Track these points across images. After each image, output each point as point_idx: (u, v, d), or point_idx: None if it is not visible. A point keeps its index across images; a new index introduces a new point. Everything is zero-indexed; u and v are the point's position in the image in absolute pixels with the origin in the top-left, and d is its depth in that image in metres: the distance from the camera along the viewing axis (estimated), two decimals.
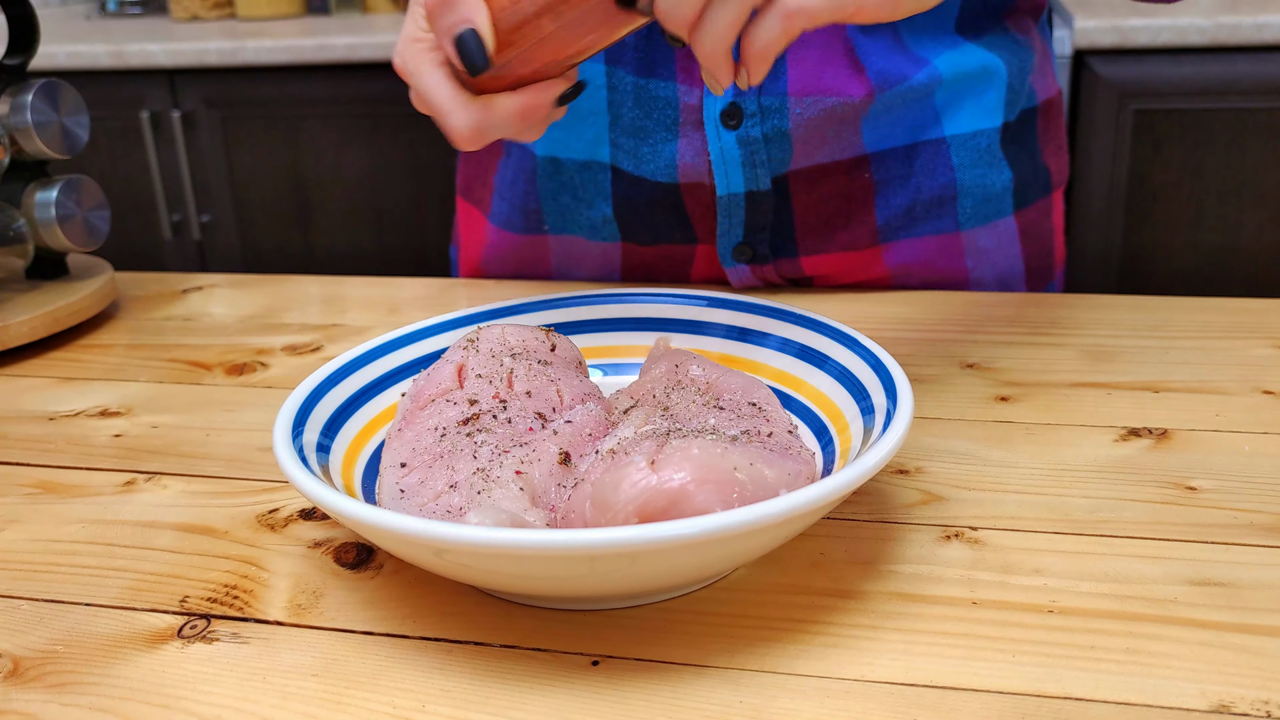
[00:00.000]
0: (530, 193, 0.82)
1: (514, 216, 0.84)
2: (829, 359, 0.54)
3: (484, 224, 0.87)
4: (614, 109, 0.76)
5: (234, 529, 0.52)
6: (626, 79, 0.75)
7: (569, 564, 0.38)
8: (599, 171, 0.78)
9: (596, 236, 0.82)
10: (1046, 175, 0.84)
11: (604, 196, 0.79)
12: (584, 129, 0.78)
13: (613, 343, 0.61)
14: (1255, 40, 1.62)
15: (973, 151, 0.78)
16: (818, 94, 0.72)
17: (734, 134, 0.73)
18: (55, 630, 0.45)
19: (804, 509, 0.38)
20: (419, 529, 0.37)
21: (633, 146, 0.76)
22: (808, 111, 0.72)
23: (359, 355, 0.55)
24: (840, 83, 0.72)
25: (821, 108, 0.72)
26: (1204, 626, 0.42)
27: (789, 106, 0.72)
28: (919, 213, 0.79)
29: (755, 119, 0.73)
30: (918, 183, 0.78)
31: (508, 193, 0.84)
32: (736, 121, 0.73)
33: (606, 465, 0.44)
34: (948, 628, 0.43)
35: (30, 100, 0.77)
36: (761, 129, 0.73)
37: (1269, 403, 0.61)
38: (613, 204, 0.79)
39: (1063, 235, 0.89)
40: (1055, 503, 0.52)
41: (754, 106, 0.72)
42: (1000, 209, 0.81)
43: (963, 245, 0.80)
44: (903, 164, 0.77)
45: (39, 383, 0.71)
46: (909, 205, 0.78)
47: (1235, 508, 0.51)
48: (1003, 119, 0.79)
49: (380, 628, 0.44)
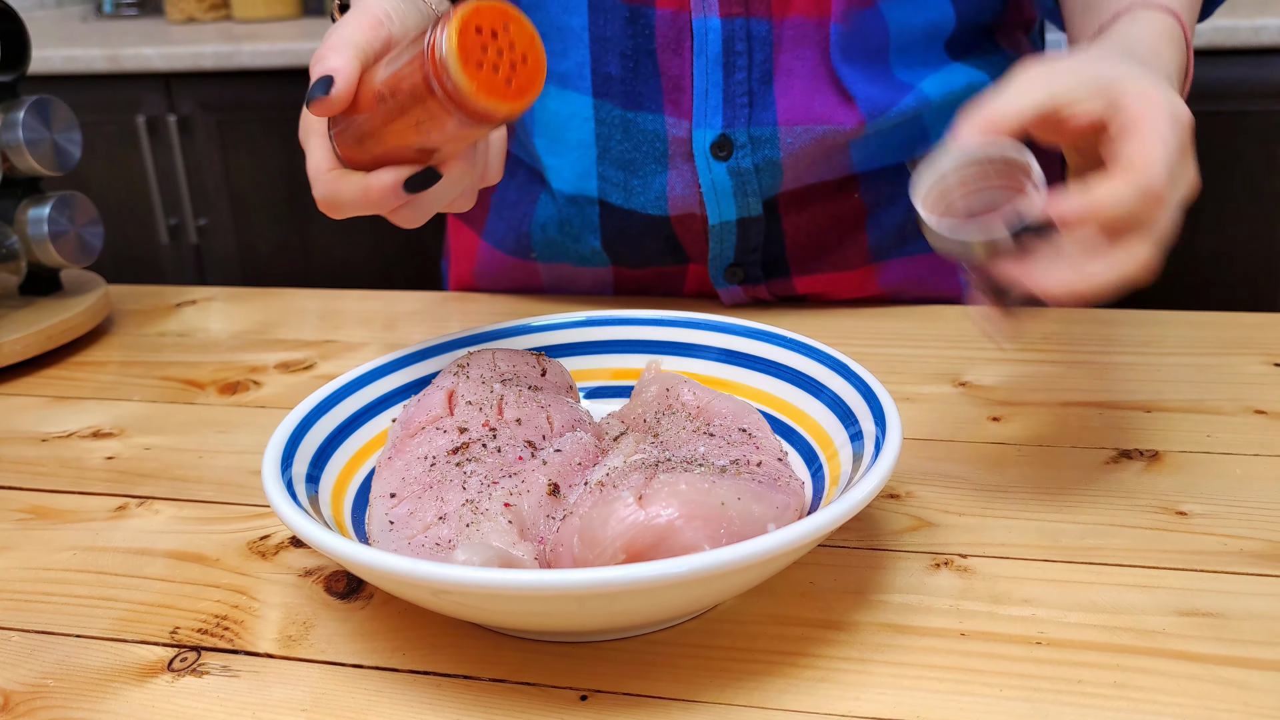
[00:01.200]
0: (528, 216, 0.82)
1: (508, 237, 0.84)
2: (819, 384, 0.54)
3: (476, 241, 0.87)
4: (602, 141, 0.76)
5: (225, 556, 0.52)
6: (614, 111, 0.74)
7: (556, 603, 0.38)
8: (586, 205, 0.79)
9: (586, 264, 0.82)
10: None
11: (592, 230, 0.79)
12: (573, 161, 0.77)
13: (604, 365, 0.61)
14: (1253, 43, 1.62)
15: None
16: (808, 123, 0.72)
17: (725, 165, 0.74)
18: (46, 663, 0.45)
19: (789, 547, 0.38)
20: (408, 569, 0.38)
21: (622, 179, 0.76)
22: (799, 140, 0.72)
23: (348, 382, 0.55)
24: (830, 111, 0.72)
25: (812, 136, 0.72)
26: (1192, 659, 0.42)
27: (779, 136, 0.72)
28: (910, 231, 0.79)
29: (746, 150, 0.73)
30: (908, 202, 0.78)
31: (507, 213, 0.84)
32: (727, 153, 0.73)
33: (595, 499, 0.44)
34: (936, 660, 0.43)
35: (22, 117, 0.77)
36: (753, 159, 0.73)
37: (1260, 423, 0.61)
38: (601, 238, 0.80)
39: None
40: (1045, 528, 0.52)
41: (744, 138, 0.73)
42: None
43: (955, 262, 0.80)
44: (892, 184, 0.77)
45: (32, 401, 0.71)
46: (900, 224, 0.78)
47: (1225, 534, 0.51)
48: None
49: (370, 660, 0.44)
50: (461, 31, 0.42)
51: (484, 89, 0.43)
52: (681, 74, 0.73)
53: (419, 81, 0.44)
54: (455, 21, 0.43)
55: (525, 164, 0.82)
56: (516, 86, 0.44)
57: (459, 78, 0.43)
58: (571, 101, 0.75)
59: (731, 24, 0.71)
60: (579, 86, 0.75)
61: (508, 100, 0.44)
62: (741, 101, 0.72)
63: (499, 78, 0.44)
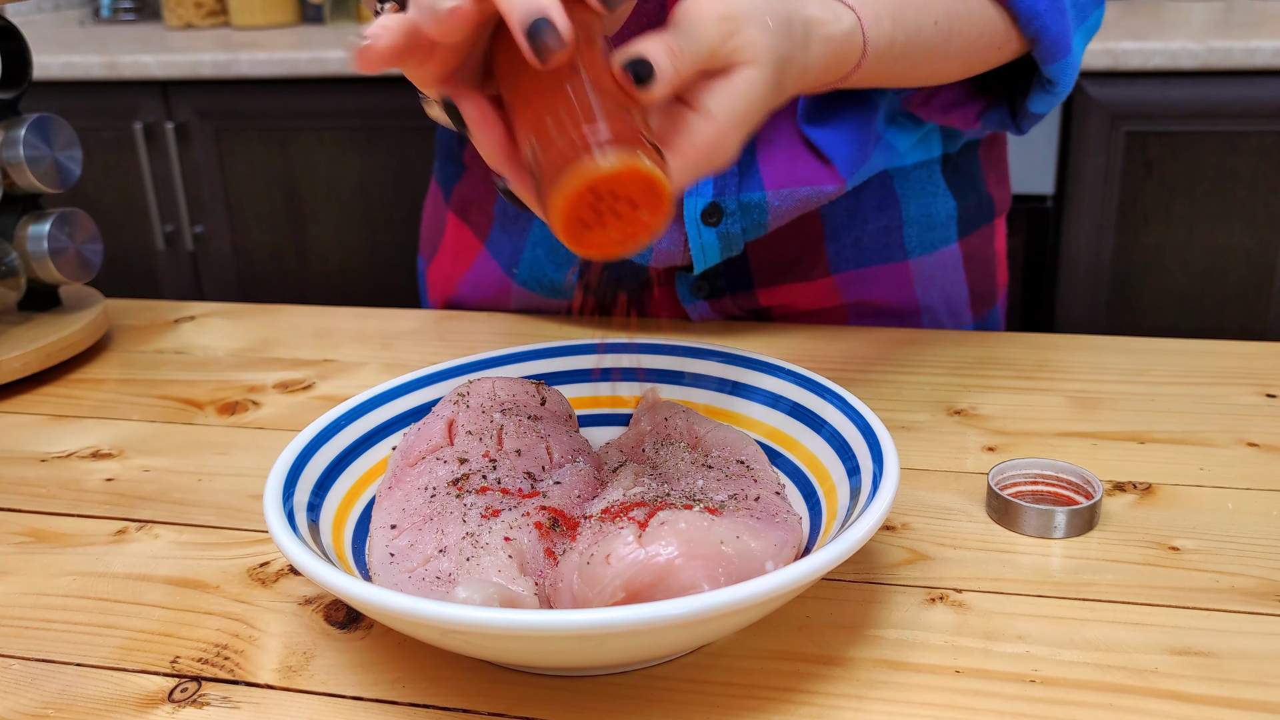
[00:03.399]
0: (525, 233, 0.83)
1: (505, 250, 0.85)
2: (818, 418, 0.54)
3: (478, 247, 0.88)
4: None
5: (225, 583, 0.53)
6: None
7: (560, 643, 0.38)
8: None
9: (558, 296, 0.84)
10: (990, 204, 0.87)
11: (574, 260, 0.81)
12: None
13: (602, 393, 0.62)
14: (1246, 65, 1.63)
15: (915, 183, 0.81)
16: (793, 185, 0.74)
17: (714, 230, 0.75)
18: (46, 692, 0.45)
19: (787, 589, 0.39)
20: (415, 610, 0.38)
21: None
22: (785, 202, 0.74)
23: (350, 410, 0.55)
24: (811, 174, 0.74)
25: (797, 198, 0.74)
26: (1184, 699, 0.43)
27: (767, 201, 0.74)
28: (867, 243, 0.81)
29: (735, 216, 0.75)
30: (866, 216, 0.80)
31: (511, 226, 0.85)
32: (716, 219, 0.75)
33: (595, 534, 0.44)
34: (930, 698, 0.43)
35: (23, 135, 0.78)
36: (741, 224, 0.75)
37: (1253, 456, 0.61)
38: (580, 274, 0.81)
39: (1005, 260, 0.92)
40: (1039, 562, 0.52)
41: (734, 205, 0.74)
42: (945, 237, 0.84)
43: (911, 273, 0.83)
44: (850, 199, 0.79)
45: (31, 420, 0.71)
46: (857, 237, 0.81)
47: (1217, 570, 0.51)
48: (942, 150, 0.82)
49: (370, 693, 0.45)
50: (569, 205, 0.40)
51: (589, 247, 0.42)
52: None
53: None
54: (563, 194, 0.40)
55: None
56: (622, 239, 0.42)
57: (567, 238, 0.41)
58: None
59: None
60: None
61: (614, 251, 0.42)
62: (731, 171, 0.74)
63: (607, 235, 0.41)
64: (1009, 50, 0.66)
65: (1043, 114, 0.70)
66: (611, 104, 0.41)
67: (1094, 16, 0.70)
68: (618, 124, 0.40)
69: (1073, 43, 0.66)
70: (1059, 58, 0.65)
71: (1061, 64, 0.66)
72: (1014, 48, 0.66)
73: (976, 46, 0.63)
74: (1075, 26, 0.67)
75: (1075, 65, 0.67)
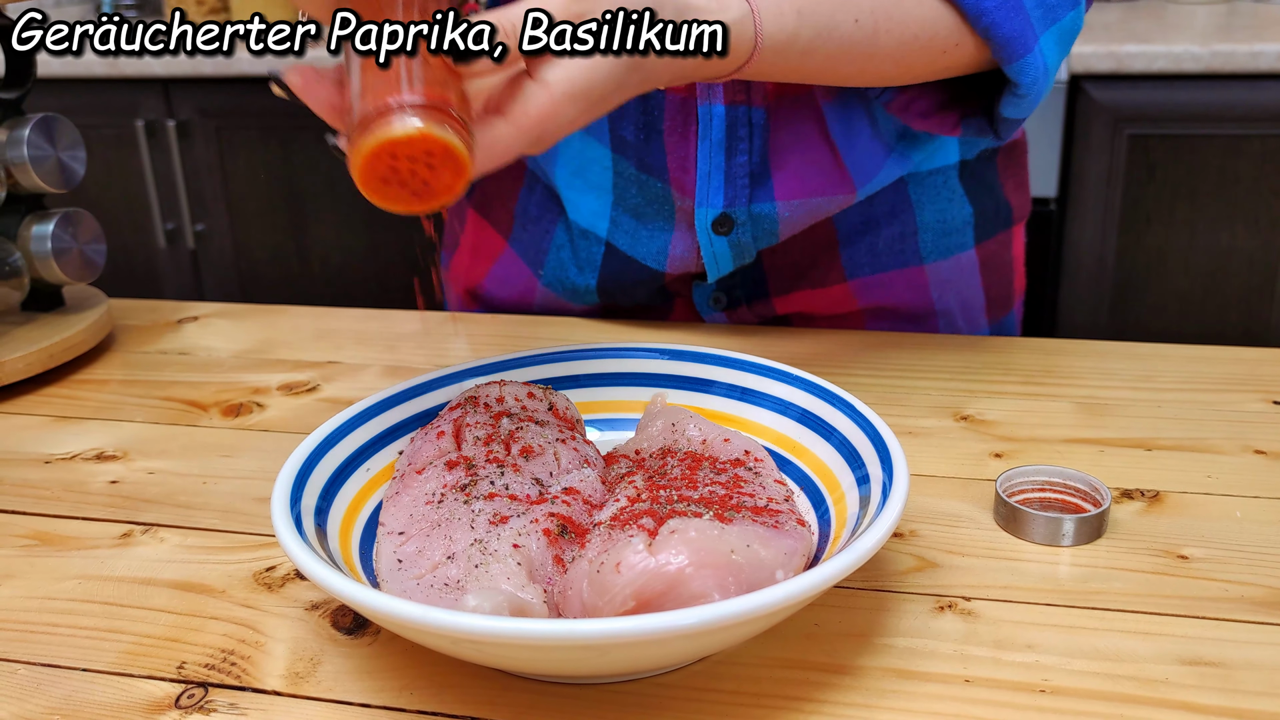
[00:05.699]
0: (548, 234, 0.83)
1: (529, 249, 0.85)
2: (828, 425, 0.54)
3: (501, 245, 0.88)
4: (619, 189, 0.78)
5: (231, 588, 0.52)
6: (629, 168, 0.77)
7: (571, 652, 0.38)
8: (595, 243, 0.81)
9: (578, 300, 0.84)
10: (1008, 210, 0.86)
11: (593, 267, 0.81)
12: (591, 199, 0.79)
13: (610, 398, 0.61)
14: (1250, 68, 1.63)
15: (931, 188, 0.81)
16: (804, 196, 0.74)
17: (725, 239, 0.76)
18: (53, 698, 0.45)
19: (797, 599, 0.39)
20: (419, 616, 0.38)
21: (632, 227, 0.79)
22: (795, 213, 0.74)
23: (356, 414, 0.55)
24: (824, 184, 0.74)
25: (808, 208, 0.74)
26: (1194, 710, 0.43)
27: (778, 212, 0.74)
28: (882, 249, 0.81)
29: (745, 226, 0.75)
30: (880, 222, 0.80)
31: (530, 226, 0.85)
32: (728, 229, 0.75)
33: (604, 542, 0.44)
34: (940, 708, 0.43)
35: (27, 135, 0.77)
36: (751, 233, 0.75)
37: (1260, 464, 0.61)
38: (598, 278, 0.81)
39: (1023, 266, 0.92)
40: (1048, 570, 0.52)
41: (744, 215, 0.74)
42: (961, 242, 0.83)
43: (927, 278, 0.83)
44: (865, 206, 0.79)
45: (35, 421, 0.71)
46: (872, 243, 0.80)
47: (1226, 579, 0.51)
48: (959, 156, 0.81)
49: (377, 699, 0.44)
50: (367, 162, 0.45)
51: (388, 201, 0.46)
52: (686, 156, 0.75)
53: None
54: (361, 153, 0.44)
55: (542, 181, 0.83)
56: (419, 198, 0.46)
57: (366, 192, 0.46)
58: (593, 148, 0.77)
59: (735, 110, 0.73)
60: (600, 139, 0.77)
61: (413, 208, 0.46)
62: (743, 183, 0.74)
63: (404, 192, 0.46)
64: (966, 52, 0.63)
65: (1018, 119, 0.67)
66: (432, 74, 0.45)
67: (1068, 17, 0.66)
68: (429, 92, 0.44)
69: (1035, 43, 0.63)
70: (1016, 57, 0.62)
71: (1020, 64, 0.62)
72: (970, 49, 0.63)
73: (914, 47, 0.61)
74: (1042, 27, 0.63)
75: (1041, 66, 0.63)
